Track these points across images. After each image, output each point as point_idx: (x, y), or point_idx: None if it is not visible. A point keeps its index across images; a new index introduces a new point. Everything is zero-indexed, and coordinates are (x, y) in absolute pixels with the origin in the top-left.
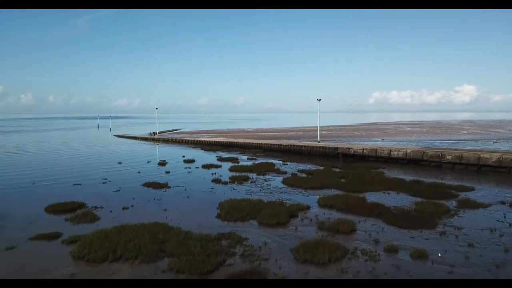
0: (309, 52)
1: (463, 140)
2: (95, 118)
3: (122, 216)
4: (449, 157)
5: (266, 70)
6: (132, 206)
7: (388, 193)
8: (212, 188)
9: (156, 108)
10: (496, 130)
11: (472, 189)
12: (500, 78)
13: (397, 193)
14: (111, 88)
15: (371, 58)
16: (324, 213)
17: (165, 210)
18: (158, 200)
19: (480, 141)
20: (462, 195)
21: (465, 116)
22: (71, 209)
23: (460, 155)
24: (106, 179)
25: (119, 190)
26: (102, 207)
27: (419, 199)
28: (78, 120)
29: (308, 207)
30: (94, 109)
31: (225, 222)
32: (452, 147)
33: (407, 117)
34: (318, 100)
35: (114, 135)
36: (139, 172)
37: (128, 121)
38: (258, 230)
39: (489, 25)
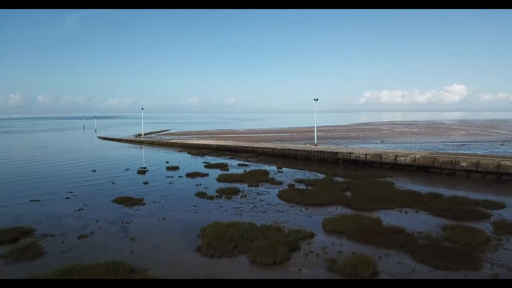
0: (301, 52)
1: (467, 142)
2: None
3: (74, 250)
4: (463, 164)
5: (257, 70)
6: (92, 233)
7: (406, 212)
8: (195, 205)
9: (142, 109)
10: (496, 131)
11: (502, 206)
12: (489, 77)
13: (416, 212)
14: (102, 87)
15: (363, 58)
16: (333, 244)
17: (132, 239)
18: (126, 223)
19: (485, 143)
20: (495, 214)
21: (456, 115)
22: (11, 240)
23: (477, 162)
24: (71, 193)
25: (82, 209)
26: (53, 235)
27: (444, 221)
28: (67, 120)
29: (312, 235)
30: (84, 108)
31: (207, 258)
32: (461, 152)
33: (399, 117)
34: (315, 100)
35: (98, 137)
36: (113, 183)
37: (117, 121)
38: (249, 274)
39: (479, 25)
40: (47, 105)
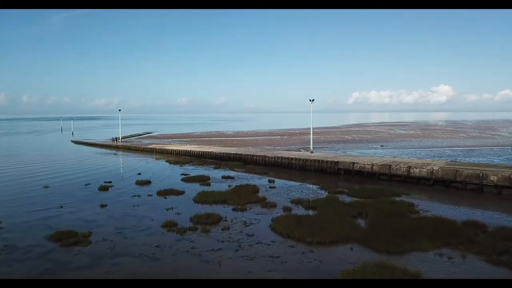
0: (291, 52)
1: (474, 147)
2: (69, 119)
3: None
4: (493, 178)
5: (247, 70)
6: None
7: (449, 258)
8: (158, 246)
9: (119, 110)
10: (496, 133)
11: None
12: (474, 78)
13: (463, 257)
14: (89, 88)
15: (352, 58)
16: None
17: None
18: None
19: (494, 148)
20: None
21: (443, 115)
22: None
23: (510, 177)
24: (0, 223)
25: None
26: None
27: (510, 274)
28: (52, 122)
29: None
30: (71, 109)
31: None
32: (480, 162)
33: (387, 117)
34: (310, 100)
35: (72, 141)
36: (61, 207)
37: (103, 122)
38: None
39: (466, 26)
40: (33, 105)
